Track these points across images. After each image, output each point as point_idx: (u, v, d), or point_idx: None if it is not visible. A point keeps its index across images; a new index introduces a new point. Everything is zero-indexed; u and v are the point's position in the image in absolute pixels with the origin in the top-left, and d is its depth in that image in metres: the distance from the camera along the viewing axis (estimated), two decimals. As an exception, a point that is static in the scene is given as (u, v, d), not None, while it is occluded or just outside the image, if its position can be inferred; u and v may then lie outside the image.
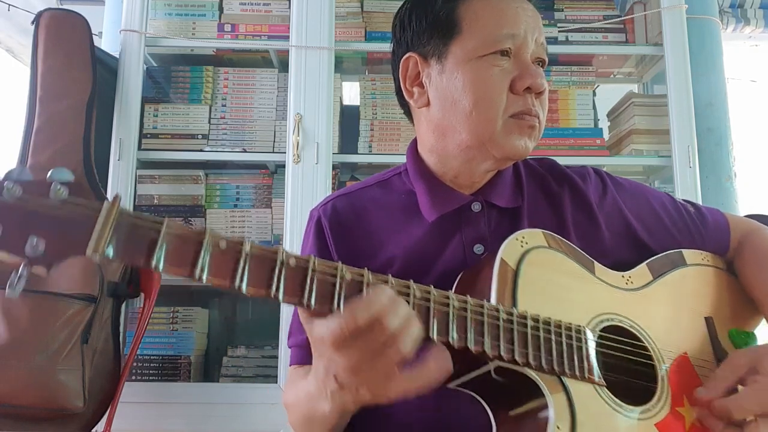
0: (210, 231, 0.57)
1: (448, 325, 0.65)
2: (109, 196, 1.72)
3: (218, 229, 1.89)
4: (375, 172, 1.03)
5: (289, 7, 1.91)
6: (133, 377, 1.74)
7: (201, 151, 1.90)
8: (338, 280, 0.61)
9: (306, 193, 1.77)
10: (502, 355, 0.67)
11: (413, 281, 0.65)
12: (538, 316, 0.71)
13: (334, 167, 1.86)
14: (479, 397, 0.74)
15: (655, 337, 0.81)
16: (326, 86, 1.83)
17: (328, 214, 0.93)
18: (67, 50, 1.69)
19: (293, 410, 0.81)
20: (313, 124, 1.81)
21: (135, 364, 1.73)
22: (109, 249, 0.53)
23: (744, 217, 1.05)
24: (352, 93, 2.32)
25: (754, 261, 0.93)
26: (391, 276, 0.64)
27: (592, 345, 0.75)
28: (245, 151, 1.91)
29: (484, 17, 0.84)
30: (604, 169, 1.02)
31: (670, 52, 1.90)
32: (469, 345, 0.65)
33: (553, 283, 0.77)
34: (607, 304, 0.80)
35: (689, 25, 1.93)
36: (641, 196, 0.97)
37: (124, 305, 1.65)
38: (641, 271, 0.87)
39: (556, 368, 0.70)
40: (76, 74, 1.68)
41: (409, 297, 0.63)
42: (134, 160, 1.80)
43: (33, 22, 1.70)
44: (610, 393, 0.74)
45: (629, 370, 0.78)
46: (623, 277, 0.85)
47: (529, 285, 0.75)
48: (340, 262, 0.62)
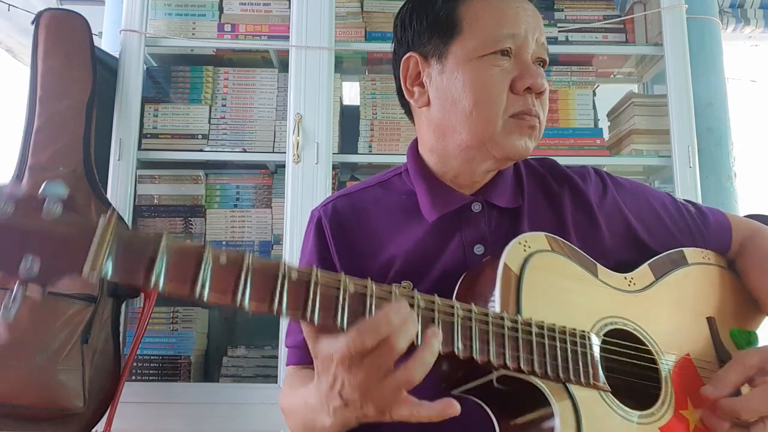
0: (210, 245, 0.56)
1: (453, 336, 0.64)
2: (109, 196, 1.72)
3: (218, 229, 1.90)
4: (375, 172, 1.03)
5: (289, 7, 1.91)
6: (133, 377, 1.74)
7: (201, 151, 1.90)
8: (341, 293, 0.60)
9: (306, 193, 1.77)
10: (507, 364, 0.67)
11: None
12: (542, 322, 0.71)
13: (334, 167, 1.86)
14: (484, 404, 0.74)
15: (657, 340, 0.81)
16: (326, 86, 1.83)
17: (328, 214, 0.93)
18: (67, 50, 1.69)
19: (292, 416, 0.81)
20: (313, 124, 1.80)
21: (135, 364, 1.73)
22: (107, 268, 0.52)
23: (745, 217, 1.05)
24: (352, 93, 2.32)
25: (758, 263, 0.93)
26: (395, 287, 0.63)
27: (597, 350, 0.74)
28: (245, 151, 1.91)
29: (485, 17, 0.84)
30: (604, 169, 1.02)
31: (670, 52, 1.90)
32: (474, 355, 0.65)
33: (556, 287, 0.77)
34: (610, 307, 0.80)
35: (689, 25, 1.93)
36: (641, 196, 0.97)
37: (124, 305, 1.64)
38: (643, 272, 0.87)
39: (561, 375, 0.69)
40: (76, 74, 1.68)
41: (413, 308, 0.63)
42: (134, 160, 1.80)
43: (33, 22, 1.70)
44: (614, 398, 0.73)
45: (633, 374, 0.78)
46: (625, 278, 0.85)
47: (533, 290, 0.74)
48: (343, 273, 0.61)
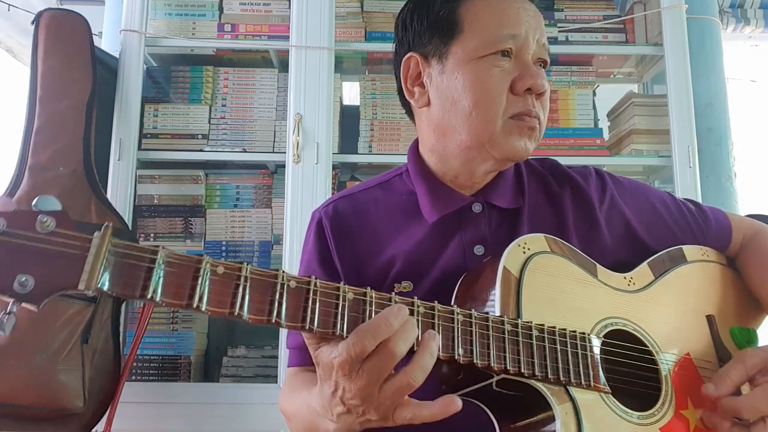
0: (207, 256, 0.56)
1: (453, 341, 0.65)
2: (109, 196, 1.72)
3: (218, 229, 1.90)
4: (375, 172, 1.03)
5: (289, 7, 1.91)
6: (133, 377, 1.74)
7: (201, 151, 1.90)
8: (340, 301, 0.60)
9: (306, 193, 1.77)
10: (508, 368, 0.67)
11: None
12: (542, 325, 0.71)
13: (334, 167, 1.86)
14: (484, 407, 0.74)
15: (657, 339, 0.81)
16: (326, 86, 1.83)
17: (329, 215, 0.93)
18: (67, 50, 1.69)
19: (294, 420, 0.81)
20: (313, 124, 1.80)
21: (135, 364, 1.73)
22: (103, 283, 0.52)
23: (746, 216, 1.05)
24: (352, 93, 2.32)
25: (759, 261, 0.93)
26: (394, 294, 0.63)
27: (597, 352, 0.75)
28: (245, 151, 1.91)
29: (485, 17, 0.84)
30: (605, 169, 1.02)
31: (670, 52, 1.90)
32: (475, 360, 0.65)
33: (556, 289, 0.77)
34: (610, 308, 0.80)
35: (689, 25, 1.93)
36: (642, 195, 0.97)
37: (124, 305, 1.65)
38: (642, 271, 0.87)
39: (562, 378, 0.70)
40: (76, 74, 1.68)
41: (413, 314, 0.63)
42: (134, 160, 1.80)
43: (33, 22, 1.70)
44: (614, 399, 0.73)
45: (633, 375, 0.78)
46: (625, 278, 0.85)
47: (533, 293, 0.74)
48: (342, 282, 0.61)
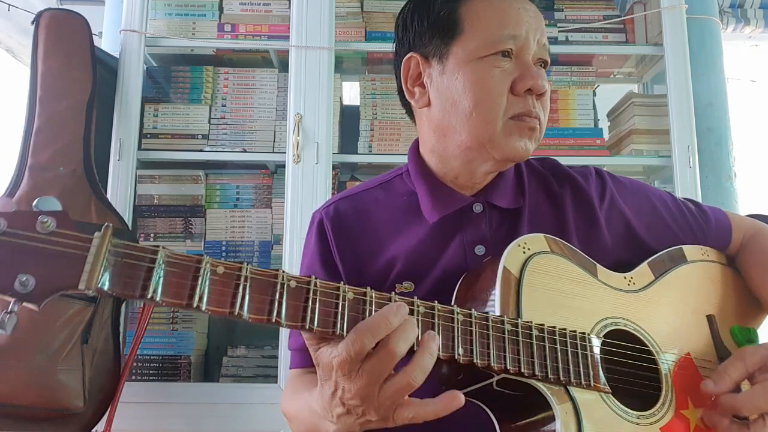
0: (207, 257, 0.56)
1: (454, 341, 0.65)
2: (109, 196, 1.72)
3: (218, 229, 1.90)
4: (375, 172, 1.03)
5: (289, 7, 1.91)
6: (133, 377, 1.74)
7: (201, 151, 1.90)
8: (340, 301, 0.60)
9: (306, 193, 1.77)
10: (508, 368, 0.67)
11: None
12: (542, 325, 0.71)
13: (334, 167, 1.85)
14: (485, 407, 0.74)
15: (658, 339, 0.81)
16: (326, 86, 1.83)
17: (330, 216, 0.93)
18: (67, 50, 1.68)
19: (295, 422, 0.81)
20: (313, 124, 1.80)
21: (135, 364, 1.73)
22: (103, 283, 0.52)
23: (746, 216, 1.05)
24: (352, 93, 2.32)
25: (759, 261, 0.93)
26: (394, 294, 0.63)
27: (597, 352, 0.75)
28: (245, 151, 1.91)
29: (486, 18, 0.84)
30: (605, 169, 1.02)
31: (670, 52, 1.90)
32: (475, 360, 0.65)
33: (556, 289, 0.77)
34: (610, 308, 0.80)
35: (689, 25, 1.93)
36: (642, 195, 0.97)
37: (124, 305, 1.65)
38: (643, 271, 0.87)
39: (562, 378, 0.70)
40: (76, 74, 1.68)
41: (413, 314, 0.63)
42: (134, 160, 1.80)
43: (33, 22, 1.70)
44: (615, 399, 0.74)
45: (633, 375, 0.78)
46: (625, 278, 0.85)
47: (533, 293, 0.75)
48: (342, 282, 0.61)
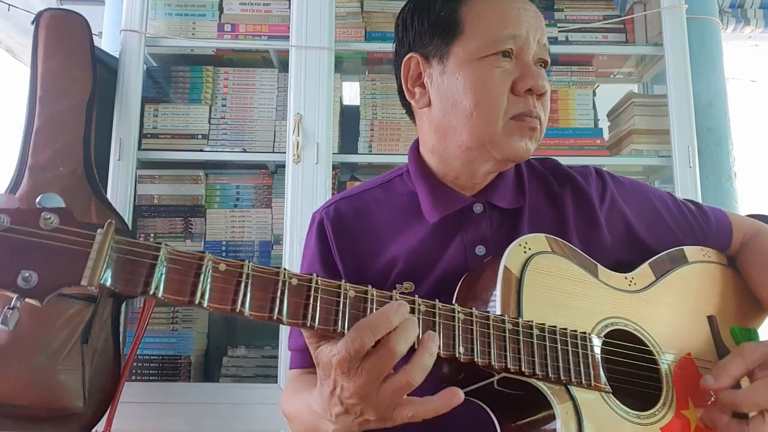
0: (208, 254, 0.56)
1: (455, 340, 0.65)
2: (109, 196, 1.72)
3: (218, 229, 1.90)
4: (375, 172, 1.03)
5: (289, 7, 1.91)
6: (133, 377, 1.74)
7: (201, 151, 1.90)
8: (342, 299, 0.60)
9: (306, 193, 1.77)
10: (509, 367, 0.67)
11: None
12: (543, 324, 0.71)
13: (334, 167, 1.85)
14: (485, 406, 0.74)
15: (658, 340, 0.81)
16: (326, 86, 1.83)
17: (330, 216, 0.93)
18: (67, 50, 1.68)
19: (295, 422, 0.81)
20: (313, 124, 1.80)
21: (135, 364, 1.73)
22: (105, 279, 0.52)
23: (746, 216, 1.05)
24: (352, 93, 2.32)
25: (759, 261, 0.93)
26: (395, 292, 0.63)
27: (598, 351, 0.75)
28: (245, 151, 1.91)
29: (486, 18, 0.84)
30: (605, 169, 1.02)
31: (670, 52, 1.90)
32: (475, 358, 0.65)
33: (557, 289, 0.77)
34: (611, 308, 0.80)
35: (689, 25, 1.93)
36: (642, 195, 0.97)
37: (124, 305, 1.64)
38: (643, 272, 0.87)
39: (562, 377, 0.70)
40: (76, 74, 1.68)
41: (414, 313, 0.63)
42: (134, 160, 1.80)
43: (33, 22, 1.70)
44: (615, 399, 0.74)
45: (634, 375, 0.78)
46: (626, 278, 0.85)
47: (534, 292, 0.75)
48: (343, 280, 0.61)
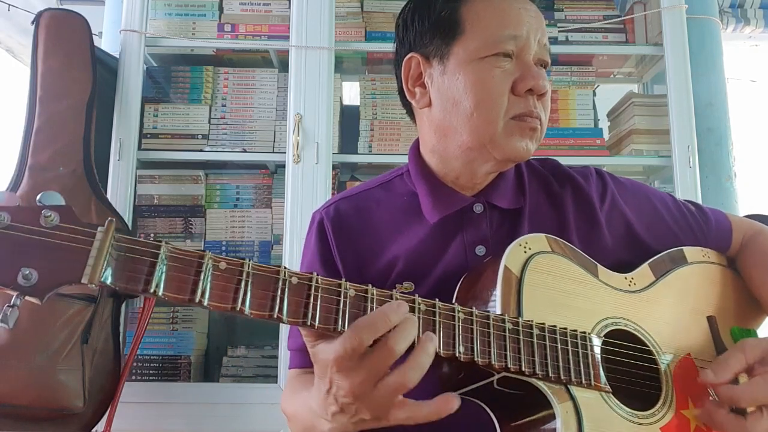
0: (209, 253, 0.56)
1: (455, 339, 0.65)
2: (109, 196, 1.72)
3: (218, 229, 1.90)
4: (375, 172, 1.03)
5: (289, 7, 1.91)
6: (133, 377, 1.74)
7: (201, 151, 1.90)
8: (342, 298, 0.60)
9: (306, 193, 1.77)
10: (509, 366, 0.67)
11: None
12: (543, 324, 0.71)
13: (334, 167, 1.85)
14: (485, 406, 0.74)
15: (658, 340, 0.81)
16: (326, 86, 1.83)
17: (330, 216, 0.93)
18: (67, 50, 1.68)
19: (294, 421, 0.81)
20: (313, 124, 1.80)
21: (135, 364, 1.73)
22: (106, 277, 0.52)
23: (745, 217, 1.05)
24: (352, 93, 2.32)
25: (759, 262, 0.93)
26: (395, 292, 0.63)
27: (598, 351, 0.75)
28: (245, 151, 1.91)
29: (487, 18, 0.84)
30: (605, 169, 1.02)
31: (670, 52, 1.90)
32: (475, 358, 0.65)
33: (557, 289, 0.77)
34: (611, 308, 0.80)
35: (689, 25, 1.93)
36: (642, 195, 0.98)
37: (124, 305, 1.64)
38: (643, 272, 0.87)
39: (562, 377, 0.70)
40: (76, 74, 1.68)
41: (414, 312, 0.63)
42: (134, 160, 1.80)
43: (33, 22, 1.70)
44: (615, 398, 0.74)
45: (634, 375, 0.78)
46: (626, 278, 0.85)
47: (534, 292, 0.75)
48: (343, 279, 0.61)
